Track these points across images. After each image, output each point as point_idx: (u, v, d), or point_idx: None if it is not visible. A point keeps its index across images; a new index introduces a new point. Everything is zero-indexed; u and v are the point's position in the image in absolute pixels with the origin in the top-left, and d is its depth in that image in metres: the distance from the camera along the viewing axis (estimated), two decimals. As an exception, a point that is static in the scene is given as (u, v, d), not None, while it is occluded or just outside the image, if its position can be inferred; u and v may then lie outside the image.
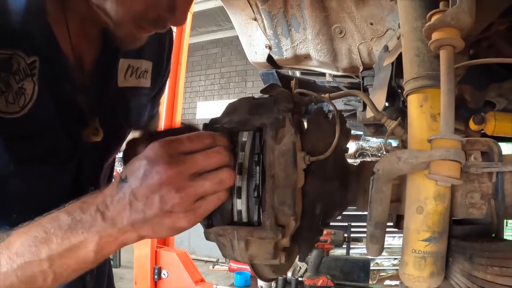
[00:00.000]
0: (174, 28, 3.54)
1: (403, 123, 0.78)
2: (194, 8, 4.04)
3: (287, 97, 0.77)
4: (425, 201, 0.65)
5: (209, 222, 0.71)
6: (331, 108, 0.81)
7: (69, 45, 0.77)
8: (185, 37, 3.71)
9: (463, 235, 0.71)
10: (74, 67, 0.80)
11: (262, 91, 0.85)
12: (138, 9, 0.71)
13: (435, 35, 0.63)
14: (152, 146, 0.62)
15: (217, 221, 0.70)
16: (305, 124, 0.83)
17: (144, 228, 0.62)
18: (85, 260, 0.62)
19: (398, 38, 1.50)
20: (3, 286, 0.61)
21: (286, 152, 0.68)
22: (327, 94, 0.85)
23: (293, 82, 0.88)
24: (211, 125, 0.75)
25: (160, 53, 1.06)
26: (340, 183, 0.79)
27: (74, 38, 0.78)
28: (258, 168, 0.68)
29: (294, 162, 0.68)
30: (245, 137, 0.71)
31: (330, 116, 0.82)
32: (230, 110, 0.78)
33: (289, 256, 0.90)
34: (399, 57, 1.23)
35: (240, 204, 0.69)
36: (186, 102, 9.47)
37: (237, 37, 2.07)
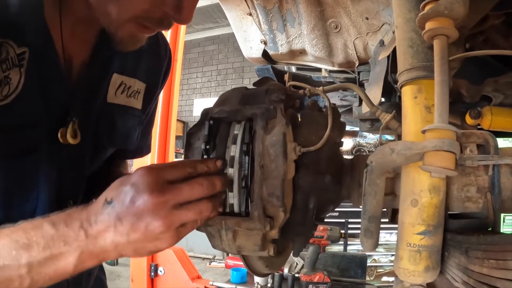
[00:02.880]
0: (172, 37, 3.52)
1: (398, 117, 0.77)
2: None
3: (279, 88, 0.76)
4: (420, 193, 0.64)
5: None
6: (327, 103, 0.80)
7: (60, 45, 0.75)
8: (181, 34, 3.68)
9: (459, 229, 0.70)
10: (64, 67, 0.78)
11: (254, 84, 0.84)
12: (143, 8, 0.69)
13: (428, 25, 0.62)
14: (139, 172, 0.63)
15: None
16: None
17: (126, 250, 0.64)
18: (64, 271, 0.63)
19: (394, 33, 1.49)
20: None
21: (276, 143, 0.67)
22: (321, 88, 0.84)
23: (286, 76, 0.87)
24: (207, 115, 0.73)
25: (155, 77, 1.03)
26: (334, 177, 0.78)
27: (65, 39, 0.76)
28: (247, 158, 0.68)
29: (284, 153, 0.67)
30: (237, 130, 0.70)
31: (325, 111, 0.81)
32: (222, 100, 0.77)
33: (283, 251, 0.89)
34: (395, 53, 1.22)
35: (232, 198, 0.69)
36: (182, 99, 9.45)
37: (233, 34, 2.06)
